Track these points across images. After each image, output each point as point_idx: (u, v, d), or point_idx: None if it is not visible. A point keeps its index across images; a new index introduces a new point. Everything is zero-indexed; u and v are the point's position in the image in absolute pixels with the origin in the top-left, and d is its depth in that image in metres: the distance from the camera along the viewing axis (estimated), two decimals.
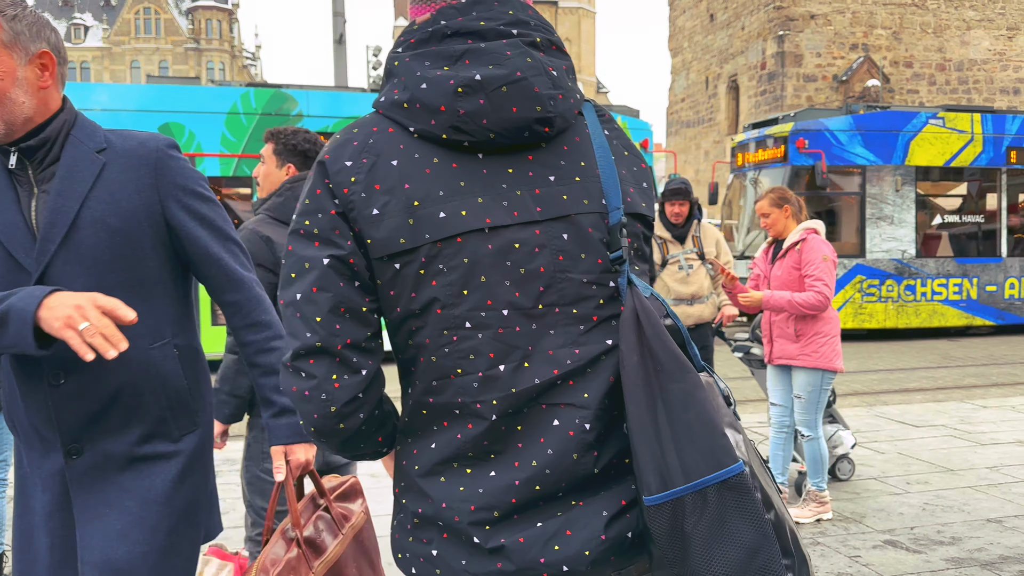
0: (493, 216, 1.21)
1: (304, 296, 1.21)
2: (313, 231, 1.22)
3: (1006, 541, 4.18)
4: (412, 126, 1.23)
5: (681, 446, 1.14)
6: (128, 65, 72.69)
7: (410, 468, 1.27)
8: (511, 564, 1.19)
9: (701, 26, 35.35)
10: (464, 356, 1.21)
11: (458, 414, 1.22)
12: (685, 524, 1.13)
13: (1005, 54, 30.19)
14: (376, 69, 23.09)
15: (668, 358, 1.18)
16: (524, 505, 1.20)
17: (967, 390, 9.07)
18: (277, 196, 2.83)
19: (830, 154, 13.15)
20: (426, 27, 1.27)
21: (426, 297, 1.21)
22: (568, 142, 1.28)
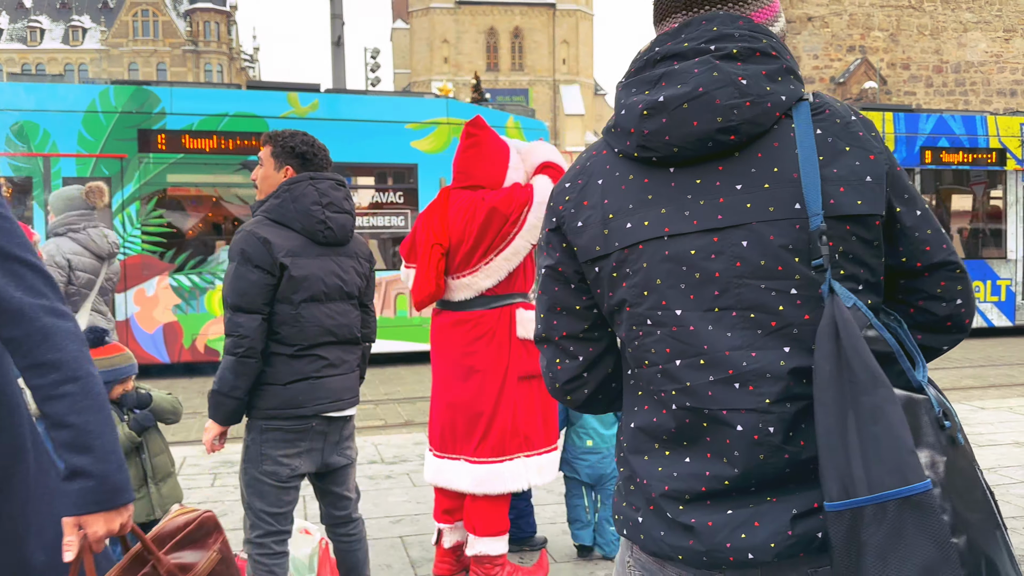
0: (672, 225, 1.32)
1: (536, 296, 1.50)
2: (541, 245, 1.49)
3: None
4: (616, 147, 1.41)
5: (867, 458, 1.17)
6: (126, 67, 72.64)
7: (623, 442, 1.45)
8: (700, 543, 1.29)
9: None
10: (648, 350, 1.36)
11: (655, 399, 1.37)
12: (862, 533, 1.16)
13: (1002, 56, 30.27)
14: (374, 71, 23.08)
15: (862, 370, 1.19)
16: (714, 494, 1.30)
17: (964, 391, 9.09)
18: (275, 198, 2.83)
19: None
20: (642, 56, 1.40)
21: (619, 297, 1.38)
22: (764, 149, 1.30)
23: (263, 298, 2.72)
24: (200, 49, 73.63)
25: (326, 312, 2.84)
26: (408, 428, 7.56)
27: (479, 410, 3.46)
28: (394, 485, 5.19)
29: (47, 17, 74.44)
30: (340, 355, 2.90)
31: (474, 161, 3.52)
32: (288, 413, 2.78)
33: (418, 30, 72.14)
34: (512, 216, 3.36)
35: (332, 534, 3.10)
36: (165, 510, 3.32)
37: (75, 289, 4.51)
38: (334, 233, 2.86)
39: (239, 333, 2.69)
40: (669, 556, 1.34)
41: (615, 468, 3.88)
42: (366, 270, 3.03)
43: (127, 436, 3.21)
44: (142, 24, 73.54)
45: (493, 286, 3.45)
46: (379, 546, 4.12)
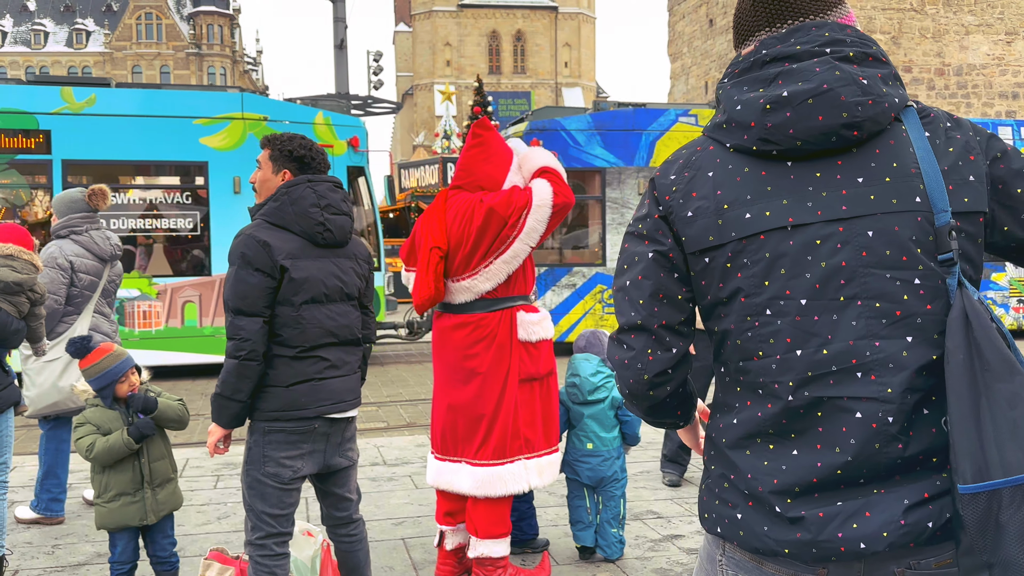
0: (796, 215, 1.35)
1: (632, 283, 1.46)
2: (643, 232, 1.47)
3: None
4: (729, 142, 1.43)
5: (1002, 441, 1.21)
6: (130, 70, 72.77)
7: (719, 439, 1.44)
8: (809, 534, 1.30)
9: (700, 31, 35.41)
10: (764, 340, 1.36)
11: (760, 393, 1.37)
12: (1001, 515, 1.20)
13: (1004, 59, 30.24)
14: (376, 74, 23.11)
15: (996, 359, 1.25)
16: (824, 486, 1.31)
17: None
18: (273, 201, 2.84)
19: (566, 155, 11.87)
20: (749, 58, 1.45)
21: (732, 287, 1.38)
22: (881, 145, 1.36)
23: (264, 301, 2.73)
24: (203, 52, 73.75)
25: (327, 313, 2.84)
26: (410, 430, 7.56)
27: (480, 412, 3.46)
28: (396, 487, 5.19)
29: (51, 20, 74.61)
30: (342, 356, 2.91)
31: (477, 161, 3.53)
32: (291, 415, 2.78)
33: (420, 33, 72.20)
34: (511, 219, 3.36)
35: (333, 535, 3.10)
36: (160, 515, 3.31)
37: (78, 291, 4.52)
38: (333, 235, 2.87)
39: (240, 336, 2.70)
40: (773, 551, 1.34)
41: (615, 471, 3.88)
42: (365, 271, 3.03)
43: (125, 443, 3.20)
44: (145, 27, 73.68)
45: (493, 289, 3.45)
46: (381, 548, 4.12)
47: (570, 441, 3.96)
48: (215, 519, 4.62)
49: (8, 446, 3.76)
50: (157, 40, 73.68)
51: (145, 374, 3.45)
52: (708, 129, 1.48)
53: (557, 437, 3.67)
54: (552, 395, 3.64)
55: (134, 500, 3.25)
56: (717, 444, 1.44)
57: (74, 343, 3.31)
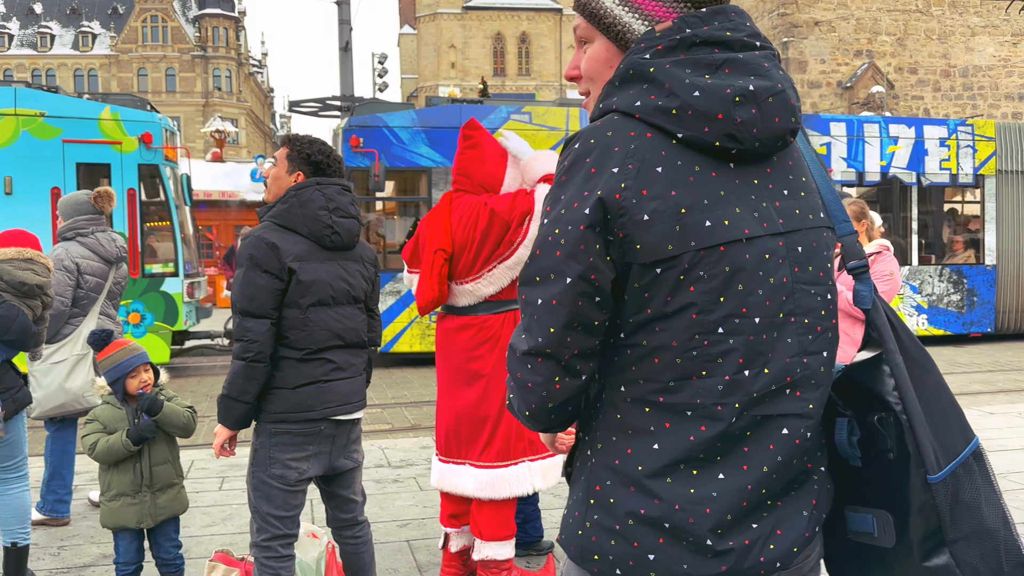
0: (749, 227, 1.25)
1: (544, 304, 1.26)
2: (562, 243, 1.24)
3: None
4: (681, 132, 1.24)
5: (938, 430, 1.28)
6: (135, 73, 72.97)
7: (629, 468, 1.27)
8: (737, 566, 1.24)
9: None
10: (712, 360, 1.24)
11: (690, 416, 1.25)
12: (961, 493, 1.28)
13: (1010, 60, 30.15)
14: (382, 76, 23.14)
15: (919, 353, 1.33)
16: (750, 508, 1.26)
17: (973, 396, 9.03)
18: (282, 203, 2.85)
19: (389, 154, 11.24)
20: (672, 35, 1.28)
21: (682, 302, 1.24)
22: (791, 157, 1.34)
23: (272, 303, 2.74)
24: (209, 55, 73.93)
25: (334, 316, 2.85)
26: (415, 432, 7.56)
27: (484, 415, 3.46)
28: (401, 489, 5.19)
29: (57, 23, 74.87)
30: (348, 359, 2.91)
31: (474, 163, 3.52)
32: (297, 416, 2.79)
33: (425, 35, 72.30)
34: (514, 223, 3.35)
35: (338, 537, 3.11)
36: (158, 520, 3.31)
37: (83, 293, 4.54)
38: (341, 238, 2.88)
39: (248, 338, 2.71)
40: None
41: None
42: (371, 274, 3.05)
43: (123, 444, 3.20)
44: (151, 30, 73.87)
45: (497, 292, 3.45)
46: (386, 550, 4.12)
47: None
48: (220, 521, 4.63)
49: (24, 446, 3.80)
50: (163, 43, 73.86)
51: (164, 377, 3.46)
52: (646, 113, 1.25)
53: None
54: None
55: (133, 502, 3.26)
56: (628, 474, 1.27)
57: (95, 335, 3.36)
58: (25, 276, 3.62)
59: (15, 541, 3.61)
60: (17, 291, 3.59)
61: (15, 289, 3.58)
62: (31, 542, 4.25)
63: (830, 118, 13.40)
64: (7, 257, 3.63)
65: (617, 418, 1.30)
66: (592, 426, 1.35)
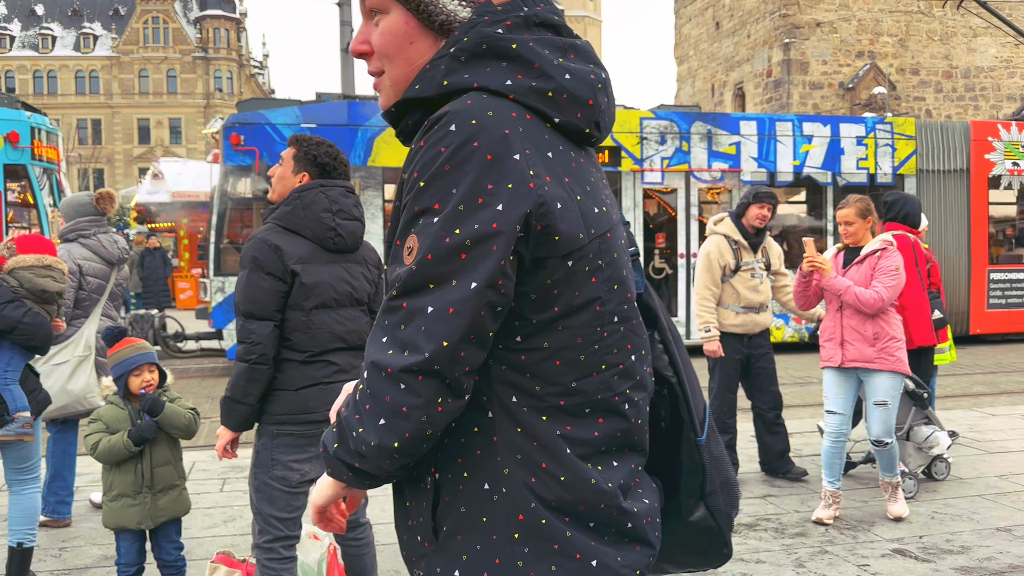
0: (613, 213, 1.25)
1: (437, 312, 1.10)
2: (465, 243, 1.09)
3: (1015, 550, 4.16)
4: (557, 117, 1.17)
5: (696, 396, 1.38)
6: (136, 74, 73.04)
7: (550, 482, 1.17)
8: (654, 550, 1.27)
9: (707, 34, 35.38)
10: (610, 351, 1.21)
11: (588, 413, 1.20)
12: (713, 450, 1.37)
13: (1012, 61, 30.13)
14: None
15: (675, 330, 1.41)
16: (639, 485, 1.29)
17: (975, 398, 9.02)
18: (286, 205, 2.85)
19: (272, 153, 10.56)
20: (514, 11, 1.19)
21: (589, 294, 1.17)
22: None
23: (275, 305, 2.74)
24: (210, 56, 73.99)
25: (336, 318, 2.84)
26: None
27: None
28: None
29: (59, 24, 74.96)
30: (350, 361, 2.90)
31: None
32: (300, 418, 2.79)
33: None
34: None
35: (340, 539, 3.10)
36: (159, 521, 3.31)
37: (86, 294, 4.54)
38: (344, 240, 2.87)
39: (251, 340, 2.71)
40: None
41: None
42: (375, 276, 3.03)
43: (124, 444, 3.20)
44: (152, 31, 73.94)
45: None
46: (388, 552, 4.11)
47: None
48: (221, 522, 4.62)
49: (39, 448, 3.84)
50: (164, 44, 73.92)
51: (170, 378, 3.46)
52: (520, 93, 1.15)
53: None
54: None
55: (134, 503, 3.26)
56: (550, 487, 1.17)
57: (109, 330, 3.39)
58: (45, 283, 3.69)
59: (21, 541, 3.63)
60: (38, 298, 3.67)
61: (36, 296, 3.66)
62: None
63: (740, 116, 12.94)
64: (27, 264, 3.68)
65: (517, 433, 1.17)
66: (472, 456, 1.18)
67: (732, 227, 5.29)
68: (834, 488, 4.62)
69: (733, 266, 5.24)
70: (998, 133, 13.64)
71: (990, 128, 13.76)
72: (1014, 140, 13.65)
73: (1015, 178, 13.63)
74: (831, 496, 4.62)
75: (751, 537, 4.35)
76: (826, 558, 4.05)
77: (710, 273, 5.23)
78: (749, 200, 5.26)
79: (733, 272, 5.24)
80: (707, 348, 5.24)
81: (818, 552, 4.13)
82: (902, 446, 5.21)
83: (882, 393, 4.47)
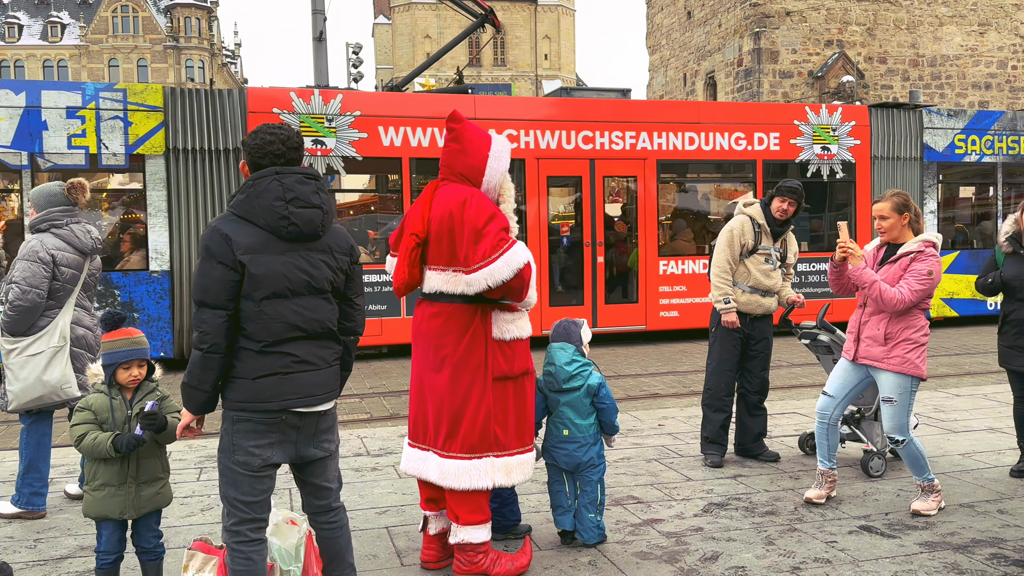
0: None
1: None
2: None
3: (978, 525, 4.28)
4: None
5: None
6: (106, 63, 71.90)
7: None
8: None
9: (679, 23, 35.49)
10: None
11: None
12: None
13: (977, 49, 30.55)
14: (356, 67, 22.99)
15: None
16: None
17: (940, 379, 9.21)
18: (241, 193, 2.83)
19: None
20: None
21: None
22: None
23: (227, 294, 2.73)
24: (181, 45, 72.97)
25: (293, 308, 2.82)
26: (393, 421, 7.59)
27: (448, 402, 3.51)
28: (380, 477, 5.23)
29: (25, 13, 73.53)
30: (312, 350, 2.88)
31: (455, 155, 3.58)
32: (256, 407, 2.80)
33: (400, 26, 71.83)
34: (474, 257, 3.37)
35: (313, 522, 3.13)
36: (142, 512, 3.32)
37: (59, 285, 4.52)
38: (299, 228, 2.82)
39: (203, 329, 2.73)
40: None
41: (592, 457, 3.94)
42: (343, 264, 2.98)
43: (107, 450, 3.20)
44: (121, 20, 72.76)
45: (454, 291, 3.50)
46: (365, 537, 4.16)
47: (548, 428, 4.02)
48: (198, 511, 4.64)
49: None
50: (134, 33, 72.78)
51: (158, 372, 3.45)
52: None
53: (531, 437, 3.72)
54: (527, 395, 3.67)
55: (118, 493, 3.26)
56: None
57: (108, 315, 3.33)
58: None
59: None
60: None
61: None
62: (8, 535, 4.25)
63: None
64: None
65: None
66: None
67: (760, 212, 5.48)
68: (824, 468, 4.67)
69: (751, 247, 5.43)
70: (805, 116, 13.18)
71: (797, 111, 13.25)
72: (824, 123, 13.23)
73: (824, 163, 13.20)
74: (821, 476, 4.68)
75: (722, 516, 4.44)
76: (795, 535, 4.15)
77: (731, 249, 5.43)
78: (774, 193, 5.49)
79: (750, 252, 5.44)
80: (725, 319, 5.43)
81: (787, 530, 4.23)
82: (869, 426, 5.33)
83: (888, 390, 4.41)
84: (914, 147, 13.80)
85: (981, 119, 14.35)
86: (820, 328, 5.52)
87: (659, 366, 10.64)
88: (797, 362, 10.68)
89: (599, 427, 4.01)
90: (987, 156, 14.33)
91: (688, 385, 9.25)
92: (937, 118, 14.02)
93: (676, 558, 3.88)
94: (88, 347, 4.65)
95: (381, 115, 11.46)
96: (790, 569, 3.73)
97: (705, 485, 5.00)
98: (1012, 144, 14.46)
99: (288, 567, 3.16)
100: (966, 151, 14.19)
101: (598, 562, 3.84)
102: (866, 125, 13.51)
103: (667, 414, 7.01)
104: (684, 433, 6.29)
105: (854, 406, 5.40)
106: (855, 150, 13.46)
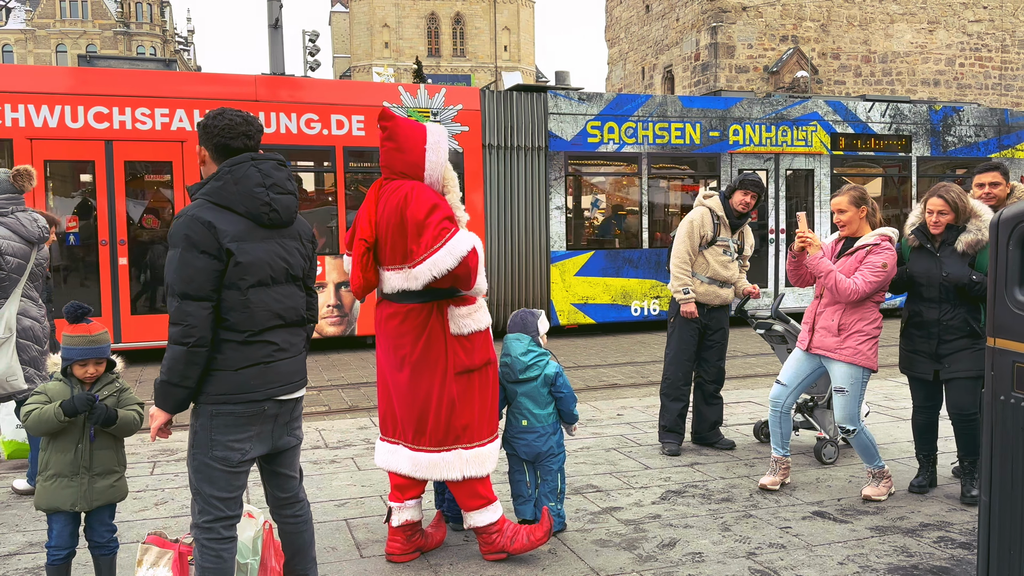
0: None
1: None
2: None
3: (926, 510, 4.40)
4: None
5: None
6: (54, 49, 69.96)
7: None
8: None
9: (637, 17, 35.69)
10: None
11: None
12: None
13: (926, 47, 31.27)
14: (313, 55, 22.68)
15: None
16: None
17: (890, 368, 9.42)
18: (216, 180, 2.75)
19: None
20: None
21: None
22: None
23: (211, 284, 2.65)
24: (132, 31, 71.32)
25: (274, 296, 2.79)
26: (352, 414, 7.54)
27: (413, 400, 3.55)
28: (339, 469, 5.19)
29: None
30: (288, 338, 2.87)
31: (392, 154, 3.57)
32: (240, 398, 2.74)
33: (358, 14, 71.07)
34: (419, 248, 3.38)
35: (277, 516, 3.09)
36: (94, 505, 3.23)
37: (5, 274, 4.39)
38: (279, 215, 2.81)
39: (187, 323, 2.62)
40: None
41: (551, 446, 3.96)
42: (309, 251, 2.99)
43: (55, 414, 3.07)
44: (70, 5, 70.83)
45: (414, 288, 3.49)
46: (324, 529, 4.13)
47: (507, 418, 4.03)
48: (152, 505, 4.56)
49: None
50: (82, 18, 70.92)
51: (119, 366, 3.36)
52: None
53: (495, 426, 3.74)
54: (490, 384, 3.69)
55: (70, 484, 3.17)
56: None
57: (73, 306, 3.18)
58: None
59: None
60: None
61: None
62: None
63: None
64: None
65: None
66: None
67: (719, 204, 5.53)
68: (778, 455, 4.76)
69: (710, 238, 5.48)
70: (398, 97, 11.51)
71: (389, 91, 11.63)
72: (421, 107, 11.58)
73: None
74: (775, 463, 4.76)
75: (679, 503, 4.50)
76: (750, 521, 4.22)
77: (691, 240, 5.48)
78: (735, 185, 5.52)
79: (708, 244, 5.49)
80: (684, 309, 5.48)
81: (743, 516, 4.31)
82: (822, 414, 5.44)
83: (840, 381, 4.49)
84: (537, 135, 12.08)
85: (622, 103, 12.60)
86: (775, 318, 5.61)
87: (617, 357, 10.72)
88: (752, 352, 10.85)
89: (558, 416, 4.03)
90: (628, 145, 12.54)
91: (646, 376, 9.34)
92: (565, 102, 12.26)
93: (635, 545, 3.92)
94: (36, 339, 4.53)
95: None
96: (746, 554, 3.80)
97: (663, 473, 5.05)
98: (660, 132, 12.70)
99: (245, 560, 3.12)
100: (602, 139, 12.42)
101: (558, 550, 3.86)
102: (476, 110, 11.76)
103: (626, 404, 7.07)
104: (642, 422, 6.36)
105: (807, 395, 5.51)
106: (463, 138, 11.72)
